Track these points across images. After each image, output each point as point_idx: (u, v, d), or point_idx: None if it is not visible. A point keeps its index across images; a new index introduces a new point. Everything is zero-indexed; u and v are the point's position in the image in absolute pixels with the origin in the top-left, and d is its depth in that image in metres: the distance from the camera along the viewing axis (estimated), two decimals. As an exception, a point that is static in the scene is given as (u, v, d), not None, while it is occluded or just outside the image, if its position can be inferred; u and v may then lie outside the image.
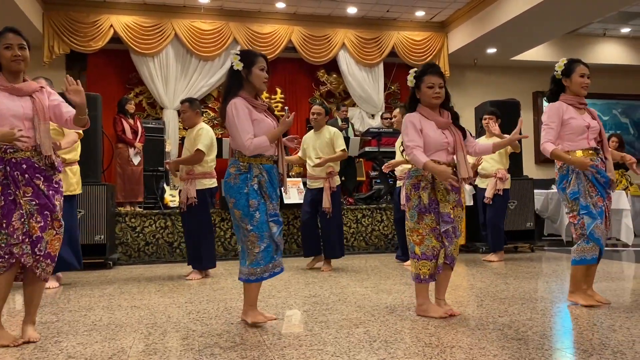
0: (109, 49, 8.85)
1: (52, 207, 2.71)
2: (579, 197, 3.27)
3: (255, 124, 2.96)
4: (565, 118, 3.33)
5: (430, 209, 3.09)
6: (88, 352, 2.53)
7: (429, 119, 3.11)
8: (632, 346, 2.45)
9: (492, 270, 5.11)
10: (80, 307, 3.64)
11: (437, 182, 3.08)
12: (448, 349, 2.48)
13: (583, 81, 3.35)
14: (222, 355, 2.44)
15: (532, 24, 8.53)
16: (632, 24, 10.18)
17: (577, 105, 3.37)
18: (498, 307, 3.37)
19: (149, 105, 9.37)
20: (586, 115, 3.39)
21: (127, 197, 7.19)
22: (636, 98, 11.55)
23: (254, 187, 2.94)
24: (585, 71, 3.36)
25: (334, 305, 3.53)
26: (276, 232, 2.98)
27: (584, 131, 3.32)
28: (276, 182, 3.04)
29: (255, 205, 2.93)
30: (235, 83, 3.02)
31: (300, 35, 9.41)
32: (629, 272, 5.08)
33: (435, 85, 3.08)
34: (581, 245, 3.29)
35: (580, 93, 3.38)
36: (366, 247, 6.94)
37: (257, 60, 2.99)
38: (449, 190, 3.08)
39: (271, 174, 3.00)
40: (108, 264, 5.72)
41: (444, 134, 3.11)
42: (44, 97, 2.81)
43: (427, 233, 3.09)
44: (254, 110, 2.98)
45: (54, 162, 2.75)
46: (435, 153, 3.08)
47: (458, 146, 3.11)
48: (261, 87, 3.02)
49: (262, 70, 2.99)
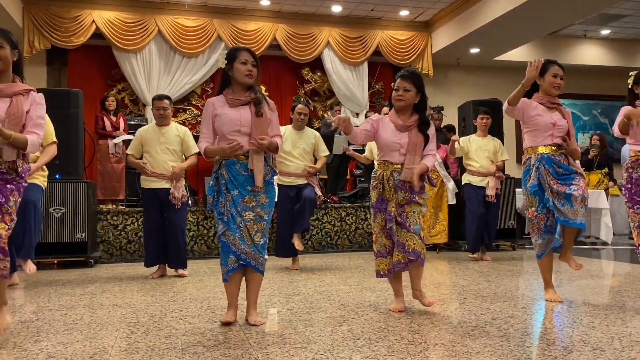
0: (91, 45, 8.75)
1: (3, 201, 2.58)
2: (538, 190, 3.38)
3: (217, 119, 2.93)
4: (532, 114, 3.42)
5: (381, 208, 3.25)
6: (69, 352, 2.50)
7: (391, 121, 3.24)
8: (611, 343, 2.49)
9: (475, 268, 5.16)
10: (61, 305, 3.59)
11: (386, 182, 3.19)
12: (431, 346, 2.50)
13: (555, 81, 3.43)
14: (206, 354, 2.43)
15: (515, 25, 8.62)
16: (612, 25, 10.35)
17: (547, 104, 3.45)
18: (480, 304, 3.40)
19: (131, 102, 9.28)
20: (556, 114, 3.45)
21: (108, 195, 7.12)
22: (615, 99, 11.74)
23: (211, 183, 2.96)
24: (558, 72, 3.44)
25: (317, 303, 3.53)
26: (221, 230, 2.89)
27: (549, 128, 3.40)
28: (244, 178, 2.90)
29: (210, 202, 2.97)
30: (221, 81, 3.03)
31: (284, 33, 9.39)
32: (608, 270, 5.17)
33: (400, 89, 3.20)
34: (538, 241, 3.49)
35: (552, 93, 3.46)
36: (350, 245, 6.96)
37: (238, 55, 2.95)
38: (397, 189, 3.17)
39: (233, 170, 2.89)
40: (89, 262, 5.65)
41: (399, 135, 3.19)
42: (25, 102, 2.67)
43: (379, 231, 3.28)
44: (224, 105, 2.94)
45: (17, 169, 2.64)
46: (388, 153, 3.23)
47: (410, 149, 3.17)
48: (243, 80, 2.94)
49: (244, 63, 2.93)
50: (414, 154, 3.17)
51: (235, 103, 2.95)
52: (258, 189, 2.92)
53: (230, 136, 2.91)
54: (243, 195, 2.89)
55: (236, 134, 2.92)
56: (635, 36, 11.01)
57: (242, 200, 2.89)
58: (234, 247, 2.89)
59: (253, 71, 2.95)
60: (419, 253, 3.15)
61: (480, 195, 5.82)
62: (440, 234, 6.50)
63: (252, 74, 2.95)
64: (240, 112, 2.94)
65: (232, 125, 2.91)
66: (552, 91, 3.45)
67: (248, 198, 2.90)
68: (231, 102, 2.96)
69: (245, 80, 2.95)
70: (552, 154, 3.38)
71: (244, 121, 2.93)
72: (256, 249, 2.93)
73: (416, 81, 3.20)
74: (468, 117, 6.87)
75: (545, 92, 3.47)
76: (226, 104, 2.96)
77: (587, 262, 5.48)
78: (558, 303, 3.41)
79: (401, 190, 3.17)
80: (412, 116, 3.25)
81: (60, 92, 5.93)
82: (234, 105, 2.95)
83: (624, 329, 2.73)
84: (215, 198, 2.95)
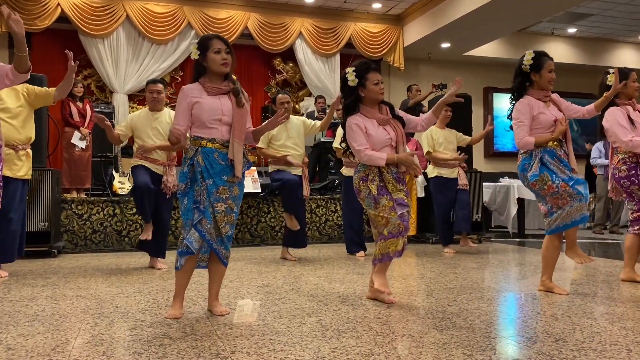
0: (56, 29, 8.49)
1: None
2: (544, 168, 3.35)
3: (196, 106, 2.86)
4: (535, 114, 3.39)
5: (383, 193, 3.16)
6: (29, 344, 2.43)
7: (370, 118, 3.19)
8: (573, 334, 2.55)
9: (442, 260, 5.23)
10: (22, 296, 3.49)
11: (385, 174, 3.16)
12: (399, 337, 2.52)
13: (551, 77, 3.42)
14: (172, 345, 2.39)
15: (485, 21, 8.73)
16: (578, 24, 10.58)
17: (543, 99, 3.45)
18: (447, 296, 3.45)
19: (98, 88, 9.06)
20: (552, 107, 3.48)
21: (74, 184, 6.93)
22: (580, 96, 11.97)
23: (185, 170, 2.86)
24: (552, 66, 3.43)
25: (286, 294, 3.52)
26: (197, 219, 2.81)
27: (552, 125, 3.41)
28: (221, 167, 2.85)
29: (183, 189, 2.87)
30: (196, 72, 2.96)
31: (256, 22, 9.29)
32: (570, 262, 5.30)
33: (380, 82, 3.18)
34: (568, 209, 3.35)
35: (548, 88, 3.45)
36: (320, 237, 6.96)
37: (210, 44, 2.88)
38: (397, 181, 3.17)
39: (211, 158, 2.84)
40: (52, 252, 5.51)
41: (385, 130, 3.18)
42: None
43: (388, 212, 3.13)
44: (202, 94, 2.88)
45: None
46: (381, 149, 3.17)
47: (399, 140, 3.20)
48: (220, 70, 2.88)
49: (218, 52, 2.86)
50: (402, 143, 3.20)
51: (215, 92, 2.89)
52: (237, 180, 2.88)
53: (210, 125, 2.85)
54: (217, 185, 2.83)
55: (217, 123, 2.86)
56: (600, 35, 11.28)
57: (215, 190, 2.83)
58: (209, 236, 2.83)
59: (228, 59, 2.89)
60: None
61: (450, 187, 5.87)
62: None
63: (228, 62, 2.89)
64: (221, 101, 2.89)
65: (213, 113, 2.86)
66: (548, 87, 3.44)
67: (222, 189, 2.84)
68: (210, 90, 2.89)
69: (221, 69, 2.88)
70: (554, 148, 3.38)
71: (225, 110, 2.88)
72: (221, 242, 2.88)
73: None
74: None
75: (541, 87, 3.45)
76: (204, 92, 2.89)
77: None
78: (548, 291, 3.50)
79: (399, 182, 3.18)
80: (381, 107, 3.24)
81: (23, 77, 5.74)
82: (213, 94, 2.89)
83: (585, 320, 2.81)
84: (189, 185, 2.86)
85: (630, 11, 9.82)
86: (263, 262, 5.13)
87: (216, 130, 2.87)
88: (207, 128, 2.86)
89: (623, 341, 2.43)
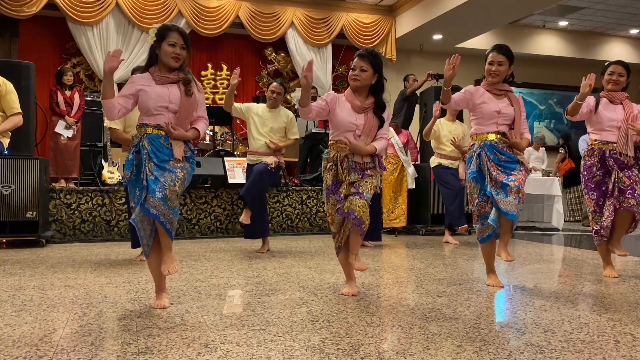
0: (44, 16, 8.37)
1: None
2: (477, 177, 3.39)
3: (141, 93, 2.81)
4: (477, 102, 3.42)
5: (335, 190, 3.15)
6: (16, 334, 2.40)
7: (347, 101, 3.17)
8: (562, 325, 2.57)
9: (432, 251, 5.24)
10: (9, 286, 3.45)
11: (339, 163, 3.12)
12: (389, 328, 2.53)
13: (489, 68, 3.41)
14: (161, 336, 2.38)
15: (477, 13, 8.73)
16: (570, 17, 10.60)
17: (495, 91, 3.42)
18: (437, 287, 3.46)
19: (87, 77, 8.95)
20: (503, 101, 3.42)
21: (61, 173, 6.87)
22: (571, 89, 12.07)
23: (130, 157, 2.83)
24: (493, 58, 3.39)
25: (277, 285, 3.52)
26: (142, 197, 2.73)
27: (494, 116, 3.38)
28: (168, 150, 2.80)
29: (128, 177, 2.82)
30: (148, 58, 2.91)
31: (248, 11, 9.22)
32: (558, 254, 5.35)
33: (357, 68, 3.13)
34: (477, 226, 3.49)
35: (487, 79, 3.45)
36: (310, 228, 6.96)
37: (167, 35, 2.83)
38: (350, 170, 3.12)
39: (157, 143, 2.79)
40: (40, 241, 5.46)
41: (356, 116, 3.15)
42: None
43: (333, 212, 3.18)
44: (150, 82, 2.83)
45: None
46: (343, 133, 3.15)
47: (365, 131, 3.15)
48: (168, 62, 2.83)
49: (173, 45, 2.81)
50: (367, 136, 3.16)
51: (163, 80, 2.85)
52: (176, 162, 2.81)
53: (156, 112, 2.82)
54: (163, 166, 2.77)
55: (163, 110, 2.83)
56: (591, 28, 11.32)
57: (161, 169, 2.76)
58: (154, 210, 2.70)
59: (181, 54, 2.84)
60: (363, 222, 3.05)
61: (454, 174, 5.89)
62: (399, 218, 6.59)
63: (179, 57, 2.84)
64: (169, 90, 2.85)
65: (160, 100, 2.82)
66: (488, 79, 3.45)
67: (167, 169, 2.78)
68: (158, 79, 2.85)
69: (170, 63, 2.84)
70: (496, 142, 3.36)
71: (172, 98, 2.84)
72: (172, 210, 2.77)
73: (374, 61, 3.14)
74: (430, 103, 6.92)
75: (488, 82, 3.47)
76: (152, 81, 2.85)
77: (540, 247, 5.67)
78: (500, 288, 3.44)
79: (354, 171, 3.13)
80: (368, 98, 3.20)
81: (10, 64, 5.67)
82: (161, 83, 2.85)
83: (574, 312, 2.83)
84: (135, 173, 2.81)
85: (621, 4, 9.85)
86: (253, 252, 5.12)
87: (162, 116, 2.83)
88: (153, 115, 2.82)
89: (611, 332, 2.46)
